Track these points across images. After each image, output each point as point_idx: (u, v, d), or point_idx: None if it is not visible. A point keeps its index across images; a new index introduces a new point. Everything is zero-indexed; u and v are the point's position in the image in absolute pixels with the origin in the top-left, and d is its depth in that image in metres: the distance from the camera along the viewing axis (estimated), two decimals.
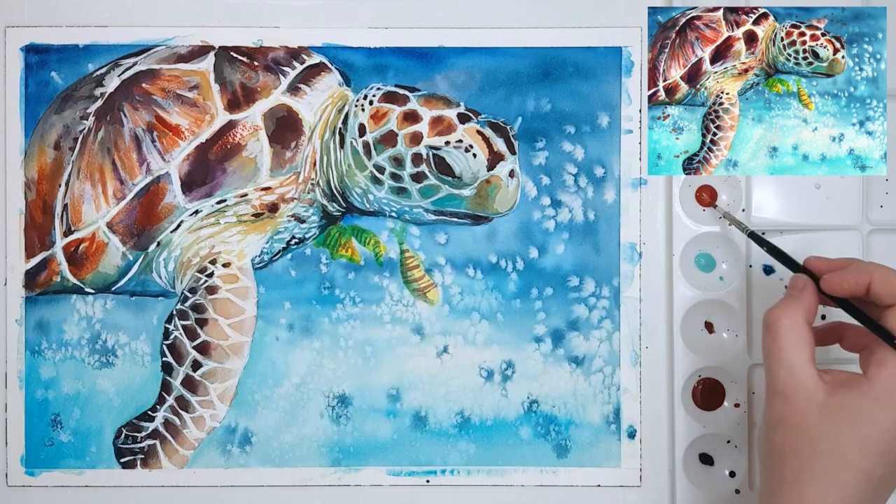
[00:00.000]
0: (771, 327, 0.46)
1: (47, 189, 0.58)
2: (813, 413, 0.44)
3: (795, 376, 0.44)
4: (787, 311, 0.46)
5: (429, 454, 0.59)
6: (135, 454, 0.58)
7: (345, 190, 0.57)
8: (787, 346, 0.45)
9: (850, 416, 0.43)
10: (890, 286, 0.44)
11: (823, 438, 0.43)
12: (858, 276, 0.45)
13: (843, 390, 0.44)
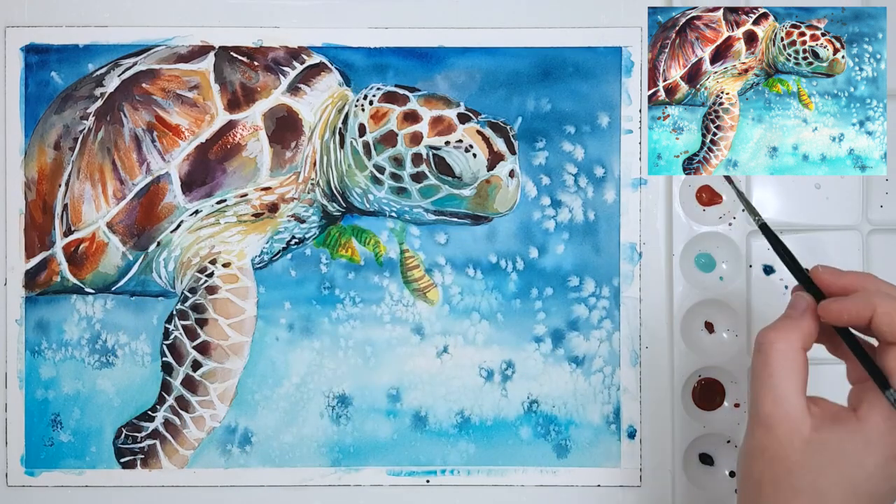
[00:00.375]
0: (763, 350, 0.42)
1: (47, 189, 0.58)
2: (796, 448, 0.41)
3: (781, 406, 0.41)
4: (784, 335, 0.42)
5: (429, 454, 0.59)
6: (135, 454, 0.58)
7: (345, 190, 0.57)
8: (777, 374, 0.42)
9: (835, 456, 0.41)
10: (892, 322, 0.41)
11: (805, 475, 0.41)
12: (860, 307, 0.42)
13: (830, 426, 0.41)
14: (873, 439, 0.40)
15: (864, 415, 0.41)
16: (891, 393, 0.40)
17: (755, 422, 0.42)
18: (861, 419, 0.41)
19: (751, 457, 0.42)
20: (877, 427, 0.41)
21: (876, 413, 0.41)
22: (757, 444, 0.42)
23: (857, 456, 0.40)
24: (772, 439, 0.41)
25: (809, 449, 0.41)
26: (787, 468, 0.41)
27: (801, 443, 0.41)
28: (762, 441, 0.42)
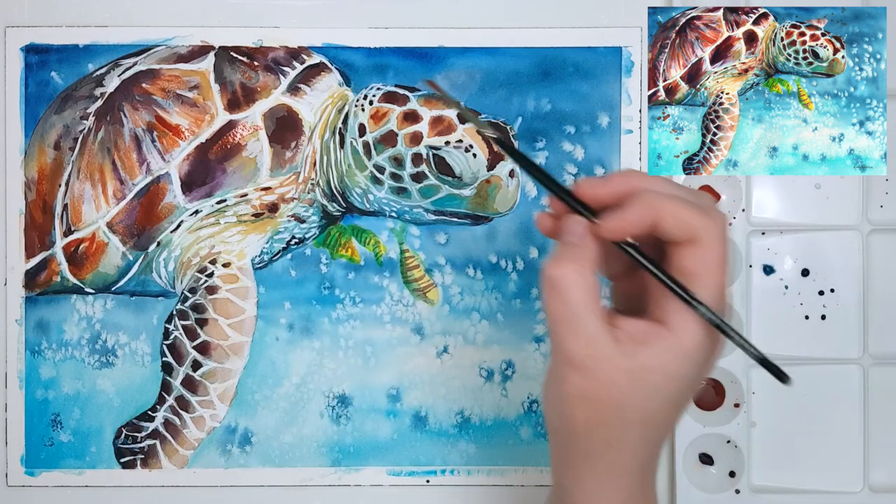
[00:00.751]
0: (558, 284, 0.37)
1: (47, 189, 0.58)
2: (619, 384, 0.37)
3: (594, 346, 0.37)
4: (573, 267, 0.37)
5: (429, 454, 0.59)
6: (135, 454, 0.58)
7: (345, 190, 0.57)
8: (579, 311, 0.37)
9: (659, 378, 0.37)
10: (680, 223, 0.37)
11: (634, 407, 0.38)
12: (641, 215, 0.37)
13: (644, 350, 0.37)
14: (688, 349, 0.38)
15: (675, 325, 0.38)
16: (704, 309, 0.37)
17: (567, 366, 0.38)
18: (674, 331, 0.38)
19: (570, 404, 0.38)
20: (690, 336, 0.37)
21: (688, 322, 0.37)
22: (574, 390, 0.38)
23: (681, 370, 0.38)
24: (591, 381, 0.37)
25: (632, 378, 0.37)
26: (615, 404, 0.38)
27: (623, 376, 0.37)
28: (580, 385, 0.38)
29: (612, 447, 0.39)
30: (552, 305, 0.38)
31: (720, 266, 0.38)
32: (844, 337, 0.58)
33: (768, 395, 0.58)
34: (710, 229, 0.37)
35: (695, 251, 0.38)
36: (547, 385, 0.40)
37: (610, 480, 0.39)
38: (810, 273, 0.58)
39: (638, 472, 0.39)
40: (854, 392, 0.58)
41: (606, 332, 0.37)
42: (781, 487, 0.58)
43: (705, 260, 0.37)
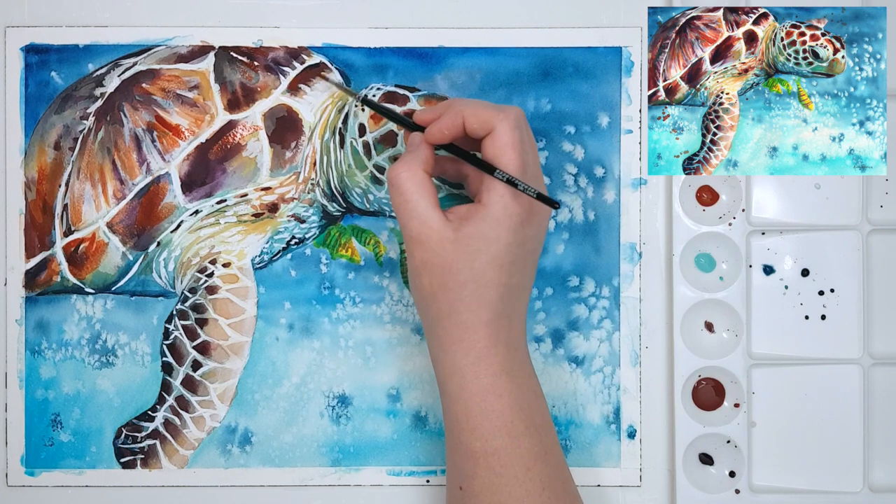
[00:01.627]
0: (395, 182, 0.48)
1: (47, 189, 0.58)
2: (448, 251, 0.47)
3: (425, 223, 0.47)
4: (407, 166, 0.48)
5: (429, 454, 0.59)
6: (135, 454, 0.58)
7: (345, 190, 0.57)
8: (412, 198, 0.47)
9: (479, 242, 0.47)
10: (479, 119, 0.47)
11: (463, 269, 0.47)
12: (453, 118, 0.48)
13: (467, 222, 0.47)
14: (499, 216, 0.47)
15: (485, 200, 0.47)
16: (498, 173, 0.47)
17: (410, 243, 0.48)
18: (485, 205, 0.47)
19: (418, 274, 0.48)
20: (497, 204, 0.47)
21: (493, 194, 0.47)
22: (418, 261, 0.48)
23: (494, 233, 0.47)
24: (428, 251, 0.47)
25: (458, 246, 0.47)
26: (447, 268, 0.47)
27: (450, 244, 0.47)
28: (421, 257, 0.47)
29: (454, 307, 0.47)
30: (393, 198, 0.48)
31: (513, 147, 0.47)
32: (844, 337, 0.58)
33: (768, 395, 0.58)
34: (502, 121, 0.47)
35: (492, 139, 0.48)
36: (407, 267, 0.49)
37: (460, 338, 0.48)
38: (810, 273, 0.58)
39: (482, 328, 0.47)
40: (854, 392, 0.58)
41: (436, 213, 0.47)
42: (781, 487, 0.58)
43: (500, 143, 0.47)
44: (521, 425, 0.47)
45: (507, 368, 0.48)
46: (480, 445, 0.47)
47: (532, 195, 0.47)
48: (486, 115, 0.47)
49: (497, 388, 0.47)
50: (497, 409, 0.47)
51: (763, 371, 0.58)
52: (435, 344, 0.49)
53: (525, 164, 0.48)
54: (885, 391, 0.58)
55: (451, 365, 0.48)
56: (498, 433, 0.47)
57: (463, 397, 0.48)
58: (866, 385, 0.58)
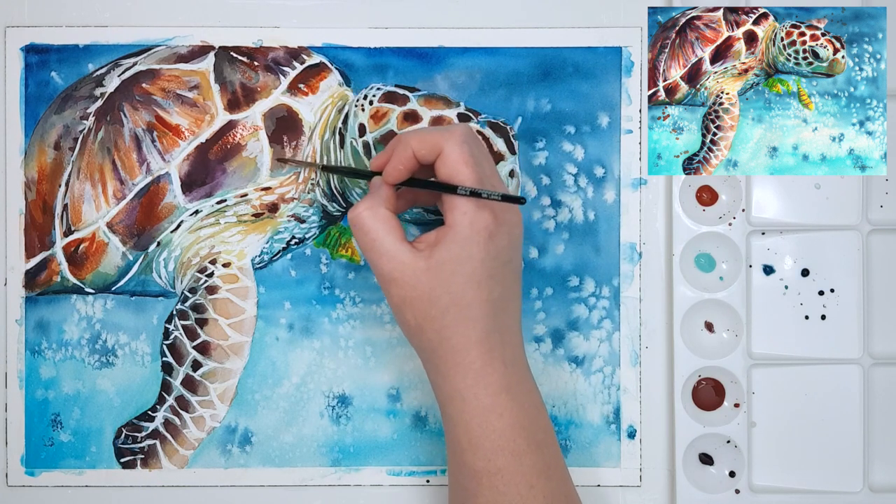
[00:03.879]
0: (357, 223, 0.48)
1: (47, 189, 0.58)
2: (423, 281, 0.46)
3: (395, 258, 0.47)
4: (368, 205, 0.48)
5: (429, 454, 0.59)
6: (135, 454, 0.58)
7: (345, 190, 0.57)
8: (378, 236, 0.47)
9: (452, 264, 0.46)
10: (426, 145, 0.47)
11: (442, 295, 0.46)
12: (402, 152, 0.48)
13: (436, 248, 0.47)
14: (465, 233, 0.46)
15: (451, 221, 0.47)
16: (461, 189, 0.46)
17: (384, 283, 0.48)
18: (452, 226, 0.47)
19: (400, 311, 0.48)
20: (462, 222, 0.46)
21: (457, 214, 0.46)
22: (396, 299, 0.47)
23: (465, 252, 0.46)
24: (403, 287, 0.47)
25: (432, 273, 0.46)
26: (426, 297, 0.46)
27: (424, 274, 0.46)
28: (399, 294, 0.47)
29: (442, 334, 0.47)
30: (358, 239, 0.48)
31: (464, 162, 0.47)
32: (844, 337, 0.58)
33: (768, 395, 0.58)
34: (448, 139, 0.47)
35: (443, 160, 0.47)
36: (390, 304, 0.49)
37: (455, 362, 0.47)
38: (810, 273, 0.59)
39: (474, 349, 0.47)
40: (854, 392, 0.58)
41: (404, 247, 0.47)
42: (781, 487, 0.58)
43: (451, 161, 0.47)
44: (523, 443, 0.47)
45: (506, 386, 0.47)
46: (483, 465, 0.47)
47: (496, 199, 0.46)
48: (432, 140, 0.47)
49: (497, 407, 0.47)
50: (498, 429, 0.47)
51: (763, 371, 0.58)
52: (432, 371, 0.49)
53: (481, 175, 0.47)
54: (885, 391, 0.58)
55: (450, 389, 0.48)
56: (500, 452, 0.47)
57: (464, 419, 0.47)
58: (866, 385, 0.58)
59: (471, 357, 0.47)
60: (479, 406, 0.47)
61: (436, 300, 0.46)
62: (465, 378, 0.47)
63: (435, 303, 0.46)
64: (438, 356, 0.48)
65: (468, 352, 0.47)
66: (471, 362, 0.47)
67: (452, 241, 0.46)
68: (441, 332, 0.47)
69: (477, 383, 0.47)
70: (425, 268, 0.46)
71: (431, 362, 0.48)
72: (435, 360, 0.48)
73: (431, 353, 0.48)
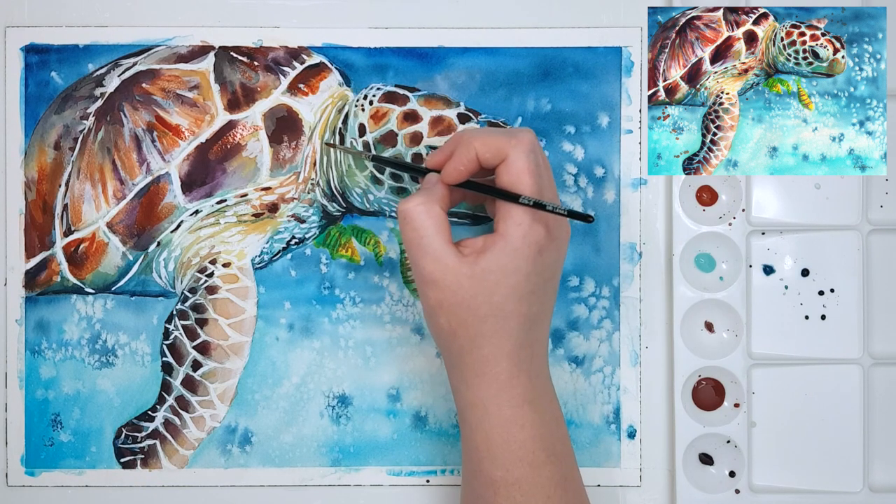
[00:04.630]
0: (409, 217, 0.46)
1: (47, 189, 0.58)
2: (465, 287, 0.45)
3: (440, 261, 0.46)
4: (423, 200, 0.46)
5: (429, 454, 0.59)
6: (135, 454, 0.58)
7: (345, 190, 0.57)
8: (426, 234, 0.46)
9: (497, 275, 0.45)
10: (491, 149, 0.46)
11: (482, 304, 0.46)
12: (465, 153, 0.47)
13: (483, 255, 0.46)
14: (517, 245, 0.45)
15: (503, 230, 0.46)
16: (523, 199, 0.46)
17: (423, 284, 0.46)
18: (503, 235, 0.46)
19: (434, 314, 0.47)
20: (515, 234, 0.45)
21: (511, 224, 0.46)
22: (434, 301, 0.46)
23: (513, 264, 0.45)
24: (443, 291, 0.46)
25: (476, 280, 0.45)
26: (466, 304, 0.46)
27: (467, 280, 0.45)
28: (437, 297, 0.46)
29: (475, 342, 0.46)
30: (405, 233, 0.46)
31: (528, 172, 0.46)
32: (844, 337, 0.58)
33: (768, 395, 0.58)
34: (515, 146, 0.46)
35: (507, 166, 0.46)
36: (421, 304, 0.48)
37: (482, 372, 0.47)
38: (810, 273, 0.59)
39: (504, 361, 0.46)
40: (854, 392, 0.58)
41: (450, 250, 0.46)
42: (781, 487, 0.58)
43: (515, 170, 0.46)
44: (542, 455, 0.47)
45: (529, 398, 0.47)
46: (502, 475, 0.47)
47: (562, 213, 0.46)
48: (498, 144, 0.46)
49: (519, 419, 0.47)
50: (519, 440, 0.47)
51: (763, 371, 0.58)
52: (456, 376, 0.48)
53: (542, 186, 0.46)
54: (885, 391, 0.58)
55: (473, 397, 0.47)
56: (520, 463, 0.46)
57: (484, 428, 0.47)
58: (866, 385, 0.58)
59: (499, 367, 0.47)
60: (501, 417, 0.47)
61: (475, 308, 0.46)
62: (489, 387, 0.47)
63: (474, 310, 0.46)
64: (466, 363, 0.47)
65: (497, 362, 0.46)
66: (498, 373, 0.47)
67: (502, 252, 0.45)
68: (474, 341, 0.46)
69: (501, 394, 0.47)
70: (469, 274, 0.45)
71: (457, 368, 0.48)
72: (461, 366, 0.47)
73: (459, 359, 0.47)
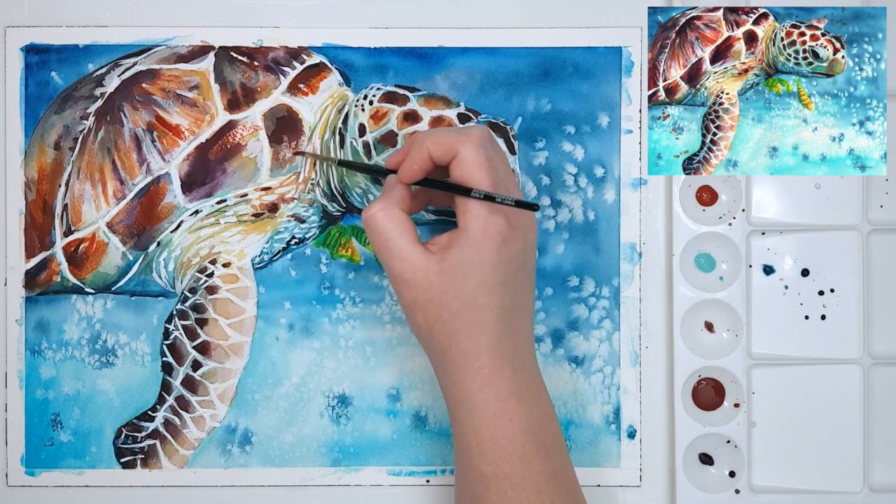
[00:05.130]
0: (371, 223, 0.47)
1: (47, 189, 0.58)
2: (435, 283, 0.46)
3: (407, 260, 0.46)
4: (381, 205, 0.47)
5: (429, 454, 0.59)
6: (135, 454, 0.58)
7: (345, 190, 0.57)
8: (391, 237, 0.47)
9: (464, 269, 0.46)
10: (442, 146, 0.47)
11: (453, 298, 0.46)
12: (419, 153, 0.47)
13: (449, 251, 0.46)
14: (478, 238, 0.46)
15: (463, 225, 0.46)
16: (475, 192, 0.46)
17: (396, 284, 0.47)
18: (465, 229, 0.46)
19: (411, 312, 0.48)
20: (475, 226, 0.46)
21: (469, 218, 0.46)
22: (408, 300, 0.47)
23: (477, 256, 0.46)
24: (415, 289, 0.47)
25: (444, 276, 0.46)
26: (438, 300, 0.46)
27: (436, 277, 0.46)
28: (410, 295, 0.47)
29: (452, 338, 0.47)
30: (372, 239, 0.47)
31: (480, 166, 0.46)
32: (844, 337, 0.58)
33: (768, 395, 0.58)
34: (465, 142, 0.47)
35: (458, 162, 0.47)
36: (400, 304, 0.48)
37: (464, 367, 0.47)
38: (810, 273, 0.59)
39: (484, 354, 0.47)
40: (854, 392, 0.58)
41: (417, 249, 0.47)
42: (781, 487, 0.58)
43: (467, 165, 0.46)
44: (532, 448, 0.47)
45: (516, 392, 0.47)
46: (492, 470, 0.47)
47: (510, 203, 0.46)
48: (448, 141, 0.47)
49: (506, 412, 0.47)
50: (508, 434, 0.47)
51: (763, 371, 0.58)
52: (441, 374, 0.49)
53: (496, 179, 0.47)
54: (885, 391, 0.58)
55: (459, 393, 0.47)
56: (509, 457, 0.47)
57: (472, 423, 0.47)
58: (866, 385, 0.58)
59: (480, 362, 0.47)
60: (487, 411, 0.47)
61: (447, 304, 0.46)
62: (473, 382, 0.47)
63: (446, 306, 0.46)
64: (448, 359, 0.47)
65: (478, 357, 0.47)
66: (480, 367, 0.47)
67: (465, 245, 0.46)
68: (451, 336, 0.47)
69: (485, 388, 0.47)
70: (437, 270, 0.46)
71: (441, 365, 0.48)
72: (444, 363, 0.48)
73: (441, 355, 0.48)
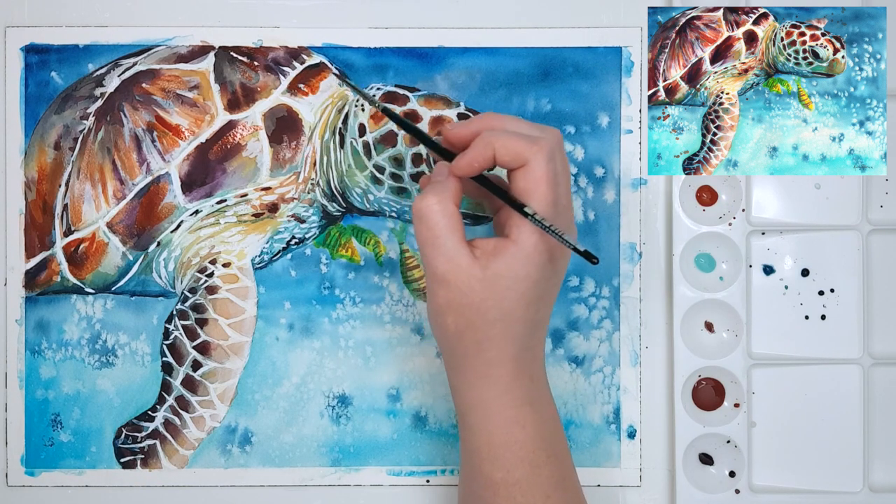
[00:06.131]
0: (424, 214, 0.45)
1: (47, 189, 0.58)
2: (476, 290, 0.45)
3: (453, 260, 0.45)
4: (438, 198, 0.45)
5: (429, 454, 0.59)
6: (135, 454, 0.58)
7: (345, 190, 0.57)
8: (441, 233, 0.45)
9: (508, 280, 0.45)
10: (511, 153, 0.45)
11: (492, 307, 0.45)
12: (481, 152, 0.45)
13: (495, 259, 0.45)
14: (529, 252, 0.45)
15: (515, 236, 0.45)
16: (528, 209, 0.44)
17: (434, 282, 0.46)
18: (515, 241, 0.45)
19: (441, 314, 0.46)
20: (528, 242, 0.45)
21: (524, 231, 0.45)
22: (442, 301, 0.46)
23: (524, 270, 0.45)
24: (454, 291, 0.45)
25: (487, 284, 0.45)
26: (475, 306, 0.45)
27: (478, 283, 0.45)
28: (446, 297, 0.45)
29: (481, 345, 0.46)
30: (419, 231, 0.45)
31: (546, 182, 0.45)
32: (844, 337, 0.58)
33: (768, 395, 0.58)
34: (536, 154, 0.45)
35: (524, 172, 0.45)
36: (427, 302, 0.47)
37: (486, 374, 0.46)
38: (810, 273, 0.59)
39: (509, 363, 0.46)
40: (854, 392, 0.58)
41: (464, 250, 0.45)
42: (781, 487, 0.58)
43: (532, 178, 0.45)
44: (542, 454, 0.47)
45: (530, 399, 0.47)
46: (502, 476, 0.47)
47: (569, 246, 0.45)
48: (516, 147, 0.45)
49: (520, 419, 0.47)
50: (520, 440, 0.47)
51: (763, 371, 0.58)
52: (457, 378, 0.48)
53: (556, 197, 0.45)
54: (885, 391, 0.58)
55: (475, 398, 0.47)
56: (520, 464, 0.46)
57: (486, 429, 0.47)
58: (866, 385, 0.58)
59: (503, 370, 0.46)
60: (502, 417, 0.47)
61: (484, 312, 0.45)
62: (491, 389, 0.47)
63: (483, 313, 0.45)
64: (469, 364, 0.47)
65: (502, 365, 0.46)
66: (501, 375, 0.46)
67: (513, 257, 0.45)
68: (480, 344, 0.46)
69: (504, 395, 0.47)
70: (480, 277, 0.45)
71: (460, 369, 0.47)
72: (465, 367, 0.47)
73: (463, 360, 0.47)
